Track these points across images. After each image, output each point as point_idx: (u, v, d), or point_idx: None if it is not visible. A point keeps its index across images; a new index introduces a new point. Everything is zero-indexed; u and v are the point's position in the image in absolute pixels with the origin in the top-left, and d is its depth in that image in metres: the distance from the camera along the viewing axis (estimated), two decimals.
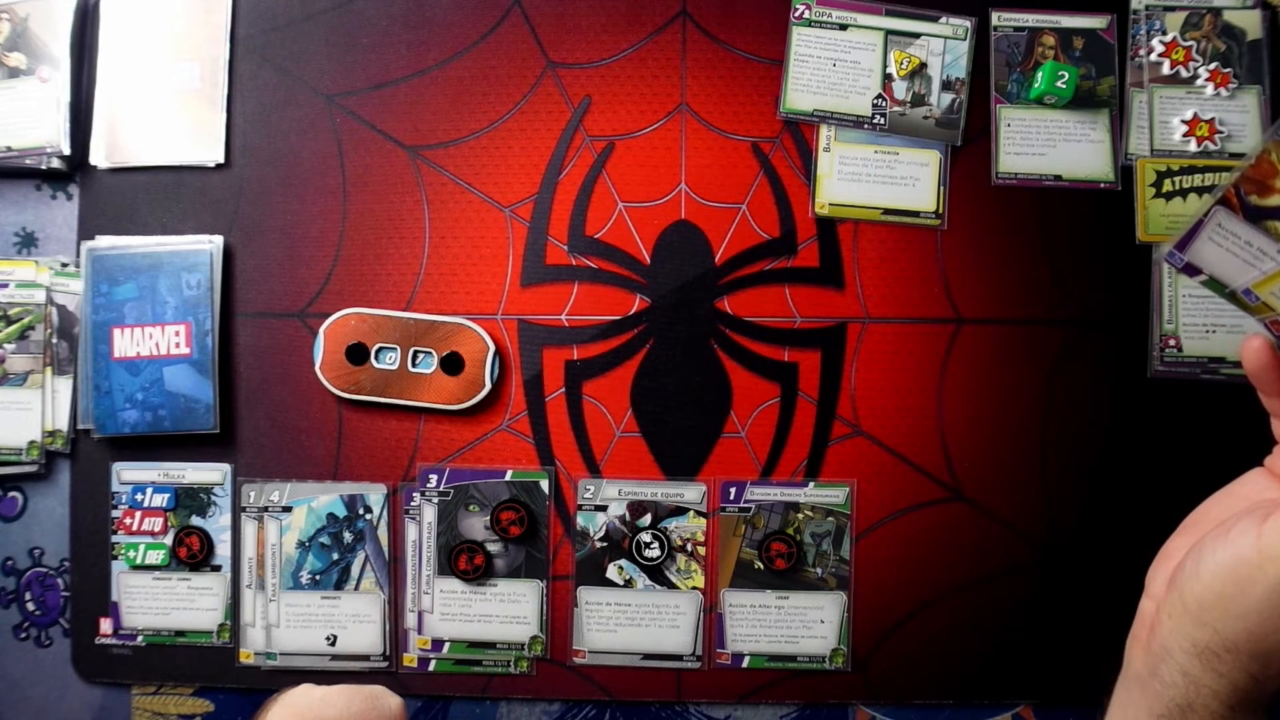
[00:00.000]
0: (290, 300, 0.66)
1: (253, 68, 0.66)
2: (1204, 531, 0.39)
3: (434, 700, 0.65)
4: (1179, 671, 0.36)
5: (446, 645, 0.64)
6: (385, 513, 0.65)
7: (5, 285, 0.65)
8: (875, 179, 0.65)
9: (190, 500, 0.65)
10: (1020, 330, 0.64)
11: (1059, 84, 0.63)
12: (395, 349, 0.64)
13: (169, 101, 0.66)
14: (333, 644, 0.65)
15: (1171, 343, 0.63)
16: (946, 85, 0.65)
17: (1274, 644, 0.34)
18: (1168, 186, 0.64)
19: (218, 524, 0.65)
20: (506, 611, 0.64)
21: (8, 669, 0.66)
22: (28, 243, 0.67)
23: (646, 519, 0.64)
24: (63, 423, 0.65)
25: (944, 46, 0.65)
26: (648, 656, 0.64)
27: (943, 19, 0.65)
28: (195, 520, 0.65)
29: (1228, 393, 0.63)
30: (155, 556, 0.65)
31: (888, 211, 0.65)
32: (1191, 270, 0.41)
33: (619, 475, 0.65)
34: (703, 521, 0.64)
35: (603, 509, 0.64)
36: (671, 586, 0.64)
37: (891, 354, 0.64)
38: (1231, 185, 0.36)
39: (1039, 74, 0.64)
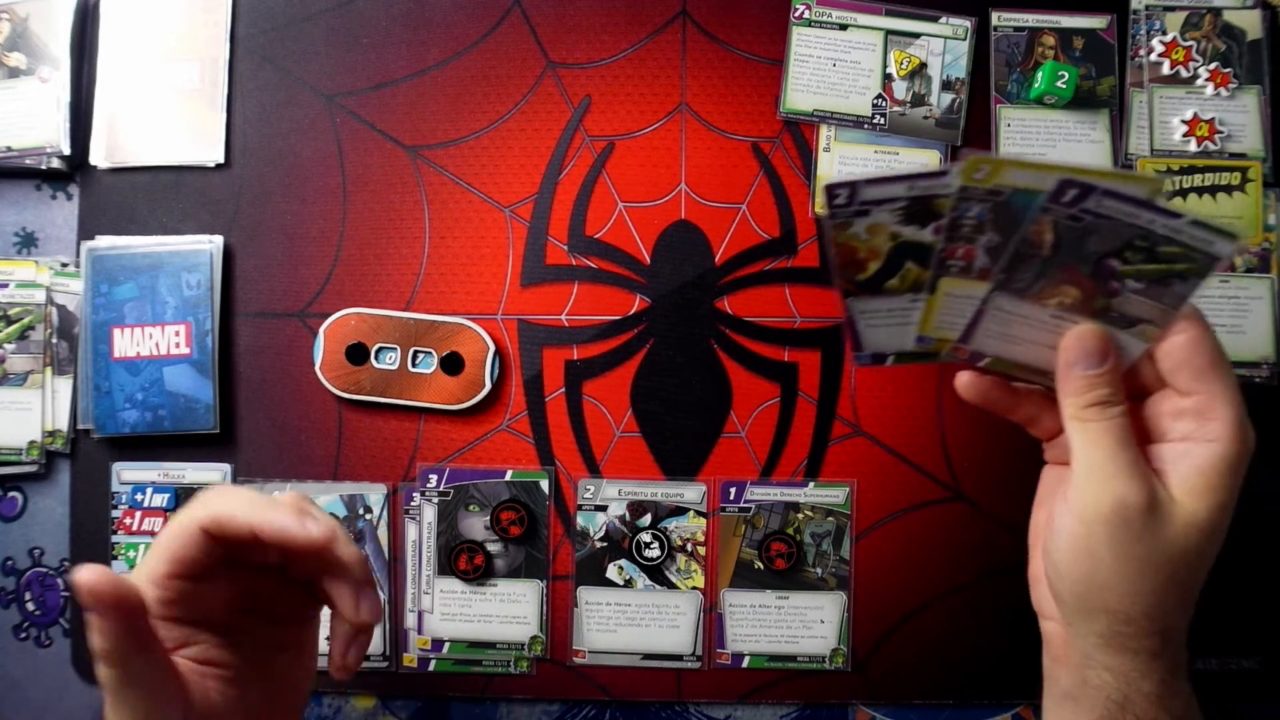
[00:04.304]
0: (290, 300, 0.66)
1: (253, 68, 0.66)
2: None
3: (434, 700, 0.65)
4: (1104, 669, 0.37)
5: (446, 645, 0.64)
6: (385, 513, 0.65)
7: (5, 285, 0.65)
8: None
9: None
10: None
11: (1059, 84, 0.63)
12: (395, 349, 0.64)
13: (169, 101, 0.66)
14: None
15: None
16: (946, 85, 0.65)
17: (1148, 591, 0.35)
18: (1168, 186, 0.64)
19: None
20: (506, 611, 0.64)
21: (8, 669, 0.66)
22: (28, 243, 0.67)
23: (646, 519, 0.64)
24: (63, 423, 0.65)
25: (944, 46, 0.65)
26: (648, 656, 0.64)
27: (943, 19, 0.65)
28: None
29: None
30: None
31: None
32: (879, 358, 0.42)
33: (619, 475, 0.65)
34: (703, 521, 0.64)
35: (603, 509, 0.64)
36: (671, 586, 0.64)
37: None
38: (839, 280, 0.38)
39: (1039, 74, 0.64)
